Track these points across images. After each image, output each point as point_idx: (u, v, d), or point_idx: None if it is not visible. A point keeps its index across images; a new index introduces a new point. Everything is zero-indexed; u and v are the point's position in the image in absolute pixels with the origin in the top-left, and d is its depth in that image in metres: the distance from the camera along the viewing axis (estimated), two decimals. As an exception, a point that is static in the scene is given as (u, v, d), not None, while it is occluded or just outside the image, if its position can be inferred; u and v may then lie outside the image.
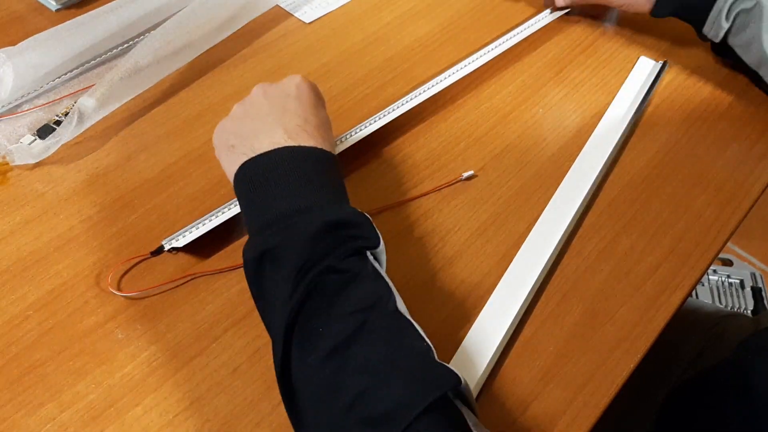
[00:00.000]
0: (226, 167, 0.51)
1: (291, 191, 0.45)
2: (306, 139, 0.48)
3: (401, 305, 0.43)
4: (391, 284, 0.44)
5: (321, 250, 0.42)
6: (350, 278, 0.42)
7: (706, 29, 0.70)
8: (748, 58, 0.69)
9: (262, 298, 0.44)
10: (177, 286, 0.53)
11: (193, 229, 0.54)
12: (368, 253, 0.44)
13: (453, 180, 0.62)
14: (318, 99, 0.54)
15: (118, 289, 0.52)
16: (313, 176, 0.46)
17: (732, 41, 0.70)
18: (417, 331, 0.42)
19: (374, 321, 0.40)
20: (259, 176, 0.46)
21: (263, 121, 0.50)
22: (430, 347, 0.41)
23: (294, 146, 0.47)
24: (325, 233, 0.43)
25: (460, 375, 0.39)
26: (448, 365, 0.40)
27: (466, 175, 0.62)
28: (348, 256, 0.43)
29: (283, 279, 0.41)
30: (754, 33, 0.66)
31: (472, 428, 0.37)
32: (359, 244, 0.44)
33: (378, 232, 0.45)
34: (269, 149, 0.47)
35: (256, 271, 0.43)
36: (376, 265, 0.45)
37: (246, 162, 0.47)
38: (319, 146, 0.48)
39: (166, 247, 0.53)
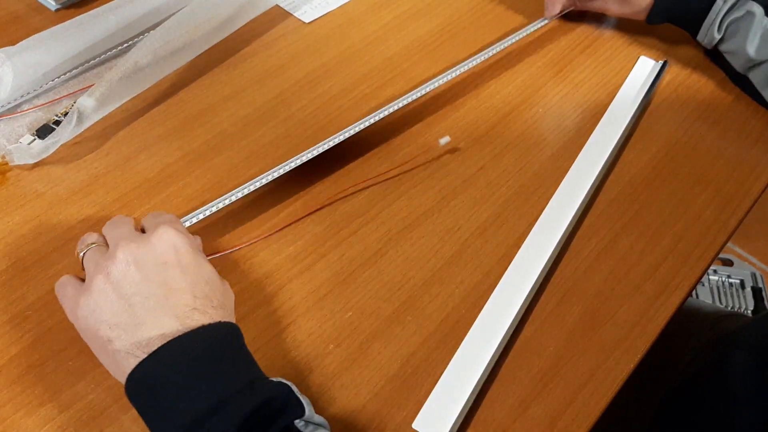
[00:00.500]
0: (108, 366, 0.43)
1: (197, 392, 0.39)
2: (199, 318, 0.41)
3: None
4: None
5: None
6: None
7: (700, 37, 0.72)
8: (737, 63, 0.70)
9: None
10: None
11: (194, 218, 0.53)
12: (300, 423, 0.40)
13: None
14: (197, 253, 0.45)
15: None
16: (216, 365, 0.40)
17: (722, 48, 0.71)
18: None
19: None
20: (158, 383, 0.39)
21: (144, 307, 0.41)
22: None
23: (186, 335, 0.40)
24: (248, 428, 0.37)
25: None
26: None
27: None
28: None
29: None
30: (741, 40, 0.68)
31: None
32: (284, 422, 0.39)
33: (301, 398, 0.41)
34: (160, 344, 0.40)
35: None
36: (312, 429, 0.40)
37: (137, 368, 0.39)
38: (214, 320, 0.42)
39: None
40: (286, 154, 0.62)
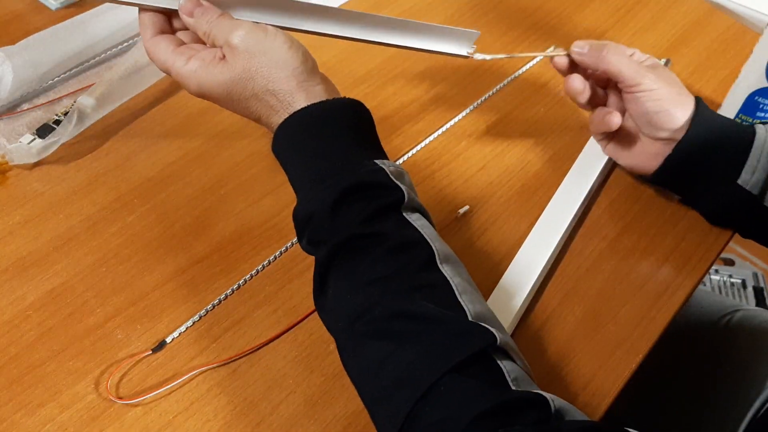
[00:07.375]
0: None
1: (306, 163, 0.46)
2: (297, 98, 0.48)
3: (442, 253, 0.43)
4: (428, 235, 0.43)
5: (343, 218, 0.43)
6: (374, 243, 0.42)
7: (745, 176, 0.53)
8: None
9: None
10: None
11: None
12: (401, 207, 0.44)
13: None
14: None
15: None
16: (314, 143, 0.46)
17: None
18: (451, 290, 0.41)
19: (400, 287, 0.41)
20: (283, 153, 0.48)
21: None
22: (462, 307, 0.41)
23: (286, 119, 0.47)
24: (343, 201, 0.43)
25: (494, 333, 0.39)
26: (481, 324, 0.40)
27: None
28: (371, 218, 0.43)
29: (313, 244, 0.45)
30: None
31: (510, 383, 0.38)
32: (381, 203, 0.43)
33: (398, 183, 0.44)
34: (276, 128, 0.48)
35: (300, 235, 0.46)
36: (412, 216, 0.44)
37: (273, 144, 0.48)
38: (311, 100, 0.48)
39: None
40: (286, 153, 0.62)
